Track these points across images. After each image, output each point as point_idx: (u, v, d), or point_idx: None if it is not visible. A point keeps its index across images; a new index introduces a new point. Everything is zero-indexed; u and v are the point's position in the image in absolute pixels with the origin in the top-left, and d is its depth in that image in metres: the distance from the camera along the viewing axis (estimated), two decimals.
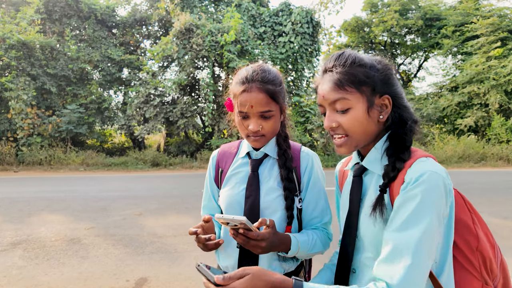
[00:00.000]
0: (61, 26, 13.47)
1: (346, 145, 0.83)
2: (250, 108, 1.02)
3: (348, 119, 0.80)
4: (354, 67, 0.81)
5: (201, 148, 12.73)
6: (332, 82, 0.81)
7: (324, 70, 0.85)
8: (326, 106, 0.84)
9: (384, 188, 0.78)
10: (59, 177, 9.17)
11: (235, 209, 1.10)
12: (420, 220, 0.69)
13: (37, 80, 11.99)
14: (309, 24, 12.43)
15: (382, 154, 0.83)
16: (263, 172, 1.12)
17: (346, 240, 0.86)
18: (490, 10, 15.72)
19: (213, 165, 1.23)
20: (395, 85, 0.84)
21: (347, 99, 0.80)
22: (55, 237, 4.09)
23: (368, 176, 0.87)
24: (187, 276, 3.08)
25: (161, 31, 15.06)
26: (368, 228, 0.80)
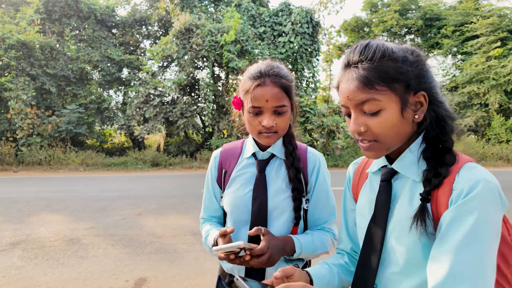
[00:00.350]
0: (61, 26, 13.47)
1: (375, 150, 0.73)
2: (265, 103, 0.98)
3: (379, 123, 0.69)
4: (383, 61, 0.68)
5: (201, 148, 12.73)
6: (359, 80, 0.68)
7: (347, 65, 0.72)
8: (351, 108, 0.72)
9: (427, 197, 0.67)
10: (59, 177, 9.16)
11: (242, 211, 1.08)
12: (479, 239, 0.60)
13: (37, 80, 11.98)
14: (309, 24, 12.43)
15: (419, 157, 0.73)
16: (270, 173, 1.09)
17: (368, 253, 0.76)
18: (490, 10, 15.73)
19: (215, 166, 1.19)
20: (429, 78, 0.72)
21: (378, 100, 0.68)
22: (54, 237, 4.09)
23: (399, 181, 0.76)
24: (186, 276, 3.07)
25: (161, 31, 15.06)
26: (400, 241, 0.71)
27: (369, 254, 0.76)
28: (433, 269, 0.63)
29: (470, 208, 0.62)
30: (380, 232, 0.74)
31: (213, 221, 1.23)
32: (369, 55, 0.69)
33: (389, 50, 0.69)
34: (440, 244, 0.64)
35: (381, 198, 0.77)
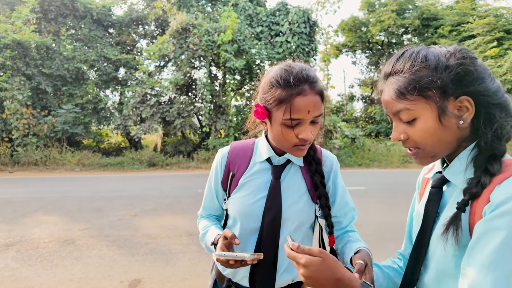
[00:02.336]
0: (57, 25, 13.39)
1: (420, 157, 0.74)
2: (306, 114, 0.89)
3: (416, 131, 0.70)
4: (415, 69, 0.68)
5: (198, 148, 12.70)
6: (392, 91, 0.70)
7: (385, 75, 0.74)
8: (391, 116, 0.74)
9: (462, 206, 0.65)
10: (55, 177, 9.11)
11: (252, 219, 1.01)
12: (505, 260, 0.58)
13: (33, 80, 11.91)
14: (306, 24, 12.43)
15: (468, 165, 0.70)
16: (284, 180, 1.02)
17: (415, 256, 0.77)
18: (487, 10, 15.79)
19: (221, 167, 1.09)
20: (477, 80, 0.67)
21: (411, 109, 0.69)
22: (48, 238, 4.05)
23: (449, 189, 0.75)
24: (182, 277, 3.06)
25: (158, 30, 15.01)
26: (437, 248, 0.71)
27: (415, 259, 0.77)
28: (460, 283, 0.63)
29: (499, 224, 0.58)
30: (426, 238, 0.75)
31: (212, 218, 1.17)
32: (401, 64, 0.71)
33: (422, 57, 0.69)
34: (467, 258, 0.62)
35: (428, 205, 0.77)
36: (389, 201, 6.07)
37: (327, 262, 0.68)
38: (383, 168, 11.37)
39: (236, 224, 1.05)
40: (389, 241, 3.93)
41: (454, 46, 0.72)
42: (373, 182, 8.15)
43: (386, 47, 19.26)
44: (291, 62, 0.98)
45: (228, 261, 0.86)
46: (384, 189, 7.32)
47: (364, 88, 20.50)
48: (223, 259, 0.86)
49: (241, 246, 1.02)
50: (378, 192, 6.89)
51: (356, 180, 8.28)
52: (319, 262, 0.68)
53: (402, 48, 0.74)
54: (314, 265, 0.67)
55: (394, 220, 4.80)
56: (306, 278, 0.69)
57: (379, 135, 16.86)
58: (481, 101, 0.68)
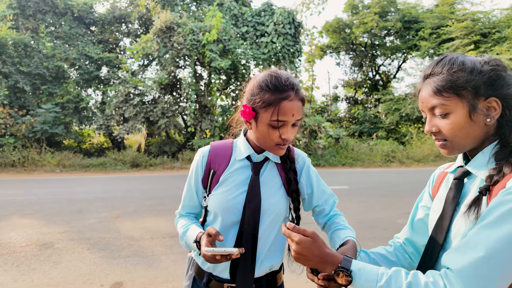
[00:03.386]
0: (35, 22, 12.97)
1: (448, 148, 0.83)
2: (291, 117, 0.99)
3: (448, 124, 0.80)
4: (453, 71, 0.79)
5: (183, 149, 12.57)
6: (430, 89, 0.81)
7: (424, 77, 0.85)
8: (426, 111, 0.84)
9: (484, 190, 0.75)
10: (33, 179, 8.82)
11: (232, 213, 1.07)
12: (507, 224, 0.66)
13: (10, 78, 11.50)
14: (291, 25, 12.50)
15: (490, 158, 0.80)
16: (262, 175, 1.11)
17: (433, 242, 0.85)
18: (464, 14, 16.31)
19: (201, 165, 1.14)
20: (506, 85, 0.79)
21: (445, 105, 0.79)
22: (26, 242, 3.92)
23: (470, 181, 0.84)
24: (164, 279, 3.02)
25: (141, 29, 14.78)
26: (459, 230, 0.78)
27: (434, 244, 0.85)
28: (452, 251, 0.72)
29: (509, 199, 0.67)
30: (445, 225, 0.83)
31: (191, 216, 1.22)
32: (440, 67, 0.81)
33: (459, 62, 0.79)
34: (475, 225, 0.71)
35: (450, 194, 0.85)
36: (371, 200, 6.18)
37: (317, 243, 0.80)
38: (366, 168, 11.57)
39: (217, 219, 1.11)
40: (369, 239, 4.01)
41: (488, 56, 0.83)
42: (357, 182, 8.28)
43: (369, 48, 19.62)
44: (277, 69, 1.07)
45: (214, 256, 0.92)
46: (367, 188, 7.45)
47: (347, 89, 20.81)
48: (210, 255, 0.92)
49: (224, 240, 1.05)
50: (361, 191, 7.01)
51: (340, 180, 8.40)
52: (310, 242, 0.80)
53: (442, 54, 0.85)
54: (305, 243, 0.79)
55: (374, 219, 4.90)
56: (297, 254, 0.80)
57: (362, 135, 17.16)
58: (508, 103, 0.78)
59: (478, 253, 0.66)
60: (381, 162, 12.26)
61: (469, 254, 0.67)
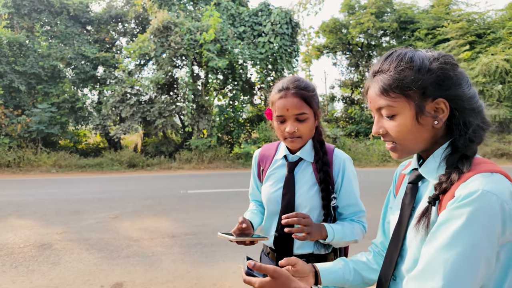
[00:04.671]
0: (31, 21, 12.85)
1: (397, 151, 0.79)
2: (286, 111, 1.17)
3: (394, 126, 0.76)
4: (400, 69, 0.74)
5: (180, 149, 12.53)
6: (377, 88, 0.77)
7: (373, 74, 0.80)
8: (373, 112, 0.81)
9: (433, 200, 0.71)
10: (29, 179, 8.75)
11: (273, 204, 1.29)
12: (462, 241, 0.62)
13: (5, 78, 11.39)
14: (288, 25, 12.51)
15: (440, 163, 0.76)
16: (297, 174, 1.27)
17: (392, 249, 0.82)
18: (460, 14, 16.44)
19: (255, 164, 1.42)
20: (455, 85, 0.73)
21: (392, 106, 0.75)
22: (24, 243, 3.89)
23: (424, 185, 0.81)
24: (165, 280, 3.01)
25: (138, 28, 14.70)
26: (413, 239, 0.76)
27: (392, 250, 0.82)
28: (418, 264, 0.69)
29: (459, 214, 0.63)
30: (402, 232, 0.80)
31: (256, 202, 1.47)
32: (388, 64, 0.76)
33: (407, 59, 0.74)
34: (427, 241, 0.68)
35: (405, 199, 0.82)
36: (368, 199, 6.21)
37: (280, 280, 0.74)
38: (363, 167, 11.63)
39: (265, 208, 1.35)
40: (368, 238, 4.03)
41: (439, 52, 0.77)
42: None
43: (366, 48, 19.69)
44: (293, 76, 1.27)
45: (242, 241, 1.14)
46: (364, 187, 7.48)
47: (344, 89, 20.87)
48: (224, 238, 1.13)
49: (267, 224, 1.33)
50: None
51: None
52: (272, 282, 0.74)
53: (391, 49, 0.80)
54: (267, 285, 0.74)
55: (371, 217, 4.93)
56: None
57: (359, 135, 17.22)
58: (457, 105, 0.73)
59: (438, 283, 0.61)
60: (378, 162, 12.33)
61: (428, 284, 0.63)
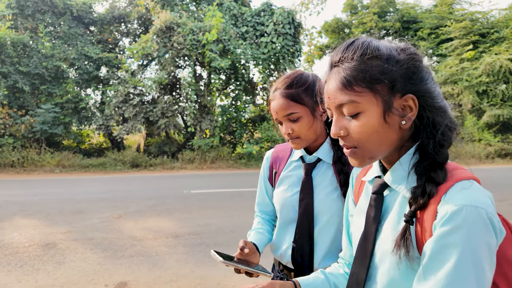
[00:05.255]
0: (34, 22, 12.93)
1: (357, 157, 0.67)
2: (276, 114, 1.10)
3: (358, 126, 0.64)
4: (365, 60, 0.63)
5: (182, 149, 12.56)
6: (339, 81, 0.65)
7: (331, 65, 0.68)
8: (332, 109, 0.68)
9: (410, 219, 0.62)
10: (33, 179, 8.80)
11: (289, 210, 1.15)
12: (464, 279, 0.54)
13: (9, 78, 11.46)
14: (290, 25, 12.51)
15: (410, 171, 0.66)
16: (316, 176, 1.14)
17: (358, 265, 0.73)
18: (463, 14, 16.37)
19: (267, 166, 1.29)
20: (423, 80, 0.65)
21: (356, 102, 0.63)
22: (28, 242, 3.92)
23: (391, 195, 0.71)
24: (168, 279, 3.03)
25: (141, 29, 14.75)
26: (383, 259, 0.67)
27: (359, 267, 0.73)
28: None
29: (453, 241, 0.56)
30: (369, 247, 0.70)
31: (262, 217, 1.32)
32: (350, 53, 0.65)
33: (373, 48, 0.64)
34: (423, 280, 0.59)
35: (370, 212, 0.72)
36: None
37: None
38: None
39: (279, 215, 1.22)
40: None
41: (404, 43, 0.69)
42: None
43: None
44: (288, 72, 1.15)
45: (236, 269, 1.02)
46: None
47: None
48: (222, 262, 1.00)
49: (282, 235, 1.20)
50: None
51: None
52: None
53: (352, 38, 0.69)
54: None
55: None
56: None
57: None
58: (426, 102, 0.64)
59: None
60: None
61: None
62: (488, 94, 13.77)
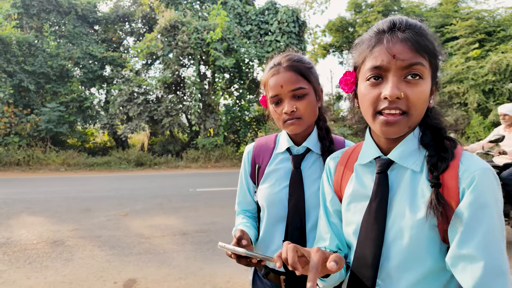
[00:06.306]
0: (39, 21, 12.99)
1: (401, 125, 0.67)
2: (280, 89, 0.98)
3: (417, 93, 0.65)
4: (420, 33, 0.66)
5: (186, 147, 12.57)
6: (412, 41, 0.64)
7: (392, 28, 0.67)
8: (391, 71, 0.65)
9: (438, 182, 0.66)
10: (39, 178, 8.83)
11: (278, 207, 1.05)
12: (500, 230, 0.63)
13: (14, 77, 11.51)
14: (295, 23, 12.48)
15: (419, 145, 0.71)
16: (305, 169, 1.05)
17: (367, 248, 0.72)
18: (469, 12, 16.24)
19: (248, 161, 1.16)
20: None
21: (424, 66, 0.65)
22: (36, 239, 3.92)
23: (395, 172, 0.73)
24: (177, 277, 3.01)
25: (145, 28, 14.78)
26: (401, 234, 0.68)
27: (368, 250, 0.71)
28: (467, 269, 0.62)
29: (485, 202, 0.62)
30: (379, 227, 0.70)
31: (246, 214, 1.20)
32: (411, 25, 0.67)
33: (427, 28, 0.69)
34: (465, 242, 0.62)
35: (377, 192, 0.72)
36: None
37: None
38: None
39: (264, 213, 1.09)
40: None
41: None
42: None
43: None
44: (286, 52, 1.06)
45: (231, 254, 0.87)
46: None
47: None
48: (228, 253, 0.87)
49: (270, 234, 1.07)
50: None
51: None
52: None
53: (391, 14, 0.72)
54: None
55: None
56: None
57: None
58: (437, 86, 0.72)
59: (503, 262, 0.62)
60: None
61: (499, 270, 0.61)
62: (495, 92, 13.65)
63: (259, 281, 1.14)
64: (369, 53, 0.69)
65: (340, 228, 0.84)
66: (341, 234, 0.84)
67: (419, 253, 0.67)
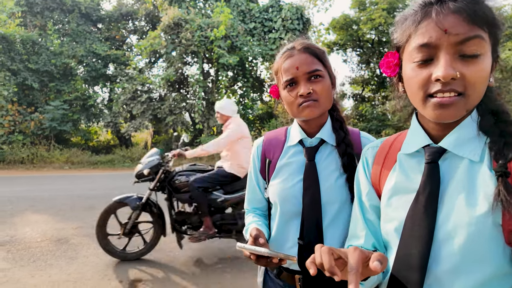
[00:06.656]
0: (43, 19, 12.99)
1: (458, 107, 0.58)
2: (295, 71, 0.93)
3: (476, 71, 0.56)
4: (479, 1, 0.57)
5: (190, 146, 12.54)
6: (466, 12, 0.55)
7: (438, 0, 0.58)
8: (443, 48, 0.57)
9: (507, 170, 0.57)
10: (43, 176, 8.82)
11: (292, 203, 0.98)
12: None
13: (18, 76, 11.52)
14: (299, 21, 12.39)
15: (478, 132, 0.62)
16: (320, 161, 0.98)
17: (412, 248, 0.63)
18: None
19: (258, 156, 1.10)
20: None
21: (483, 40, 0.55)
22: (41, 237, 3.88)
23: (447, 162, 0.64)
24: (184, 275, 2.96)
25: (148, 26, 14.74)
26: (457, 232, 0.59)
27: (414, 250, 0.63)
28: None
29: None
30: (428, 223, 0.62)
31: (256, 212, 1.15)
32: None
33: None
34: None
35: (428, 183, 0.63)
36: None
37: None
38: None
39: (277, 210, 1.03)
40: None
41: None
42: None
43: (377, 45, 19.41)
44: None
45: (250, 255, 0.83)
46: None
47: (354, 86, 20.61)
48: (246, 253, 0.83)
49: (283, 231, 1.01)
50: None
51: None
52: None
53: None
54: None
55: None
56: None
57: (370, 132, 17.02)
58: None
59: None
60: None
61: None
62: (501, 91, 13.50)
63: (270, 281, 1.08)
64: (415, 30, 0.60)
65: (377, 226, 0.76)
66: (378, 232, 0.75)
67: (477, 256, 0.58)
